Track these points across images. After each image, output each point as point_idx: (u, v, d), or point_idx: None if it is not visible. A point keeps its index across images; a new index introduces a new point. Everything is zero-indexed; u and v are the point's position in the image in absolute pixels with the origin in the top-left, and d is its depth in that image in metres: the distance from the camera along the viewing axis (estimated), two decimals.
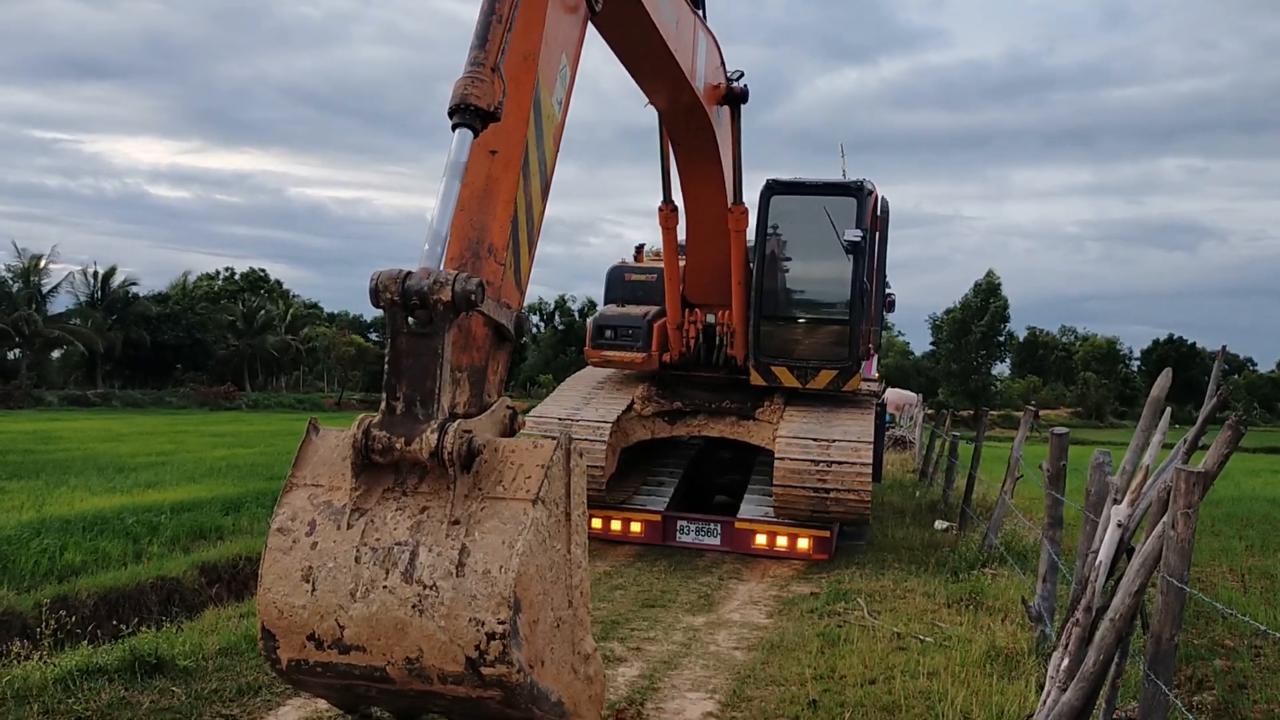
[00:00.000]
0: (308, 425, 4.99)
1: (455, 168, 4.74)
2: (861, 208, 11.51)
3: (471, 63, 4.86)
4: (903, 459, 26.75)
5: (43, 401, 46.01)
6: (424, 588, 4.35)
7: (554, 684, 4.70)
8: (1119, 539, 4.68)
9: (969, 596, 9.06)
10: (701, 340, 12.35)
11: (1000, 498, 11.42)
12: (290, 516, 4.64)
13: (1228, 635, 8.85)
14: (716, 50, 9.38)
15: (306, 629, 4.45)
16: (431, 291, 4.42)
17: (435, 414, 4.52)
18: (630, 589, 9.64)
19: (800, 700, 6.23)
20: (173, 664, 6.05)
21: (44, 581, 10.01)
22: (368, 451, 4.54)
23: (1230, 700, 7.14)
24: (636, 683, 6.64)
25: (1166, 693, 3.81)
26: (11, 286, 53.80)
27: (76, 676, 5.75)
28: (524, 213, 5.42)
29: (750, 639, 7.95)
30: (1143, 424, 5.06)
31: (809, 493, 10.77)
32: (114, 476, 17.15)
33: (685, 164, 10.21)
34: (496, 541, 4.41)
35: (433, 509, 4.55)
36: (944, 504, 15.83)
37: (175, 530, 12.43)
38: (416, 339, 4.57)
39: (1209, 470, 3.87)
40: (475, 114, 4.77)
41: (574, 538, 4.92)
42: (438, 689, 4.49)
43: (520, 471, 4.67)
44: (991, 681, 6.48)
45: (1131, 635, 4.24)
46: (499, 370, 5.36)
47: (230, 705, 5.66)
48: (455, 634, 4.30)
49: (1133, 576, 4.07)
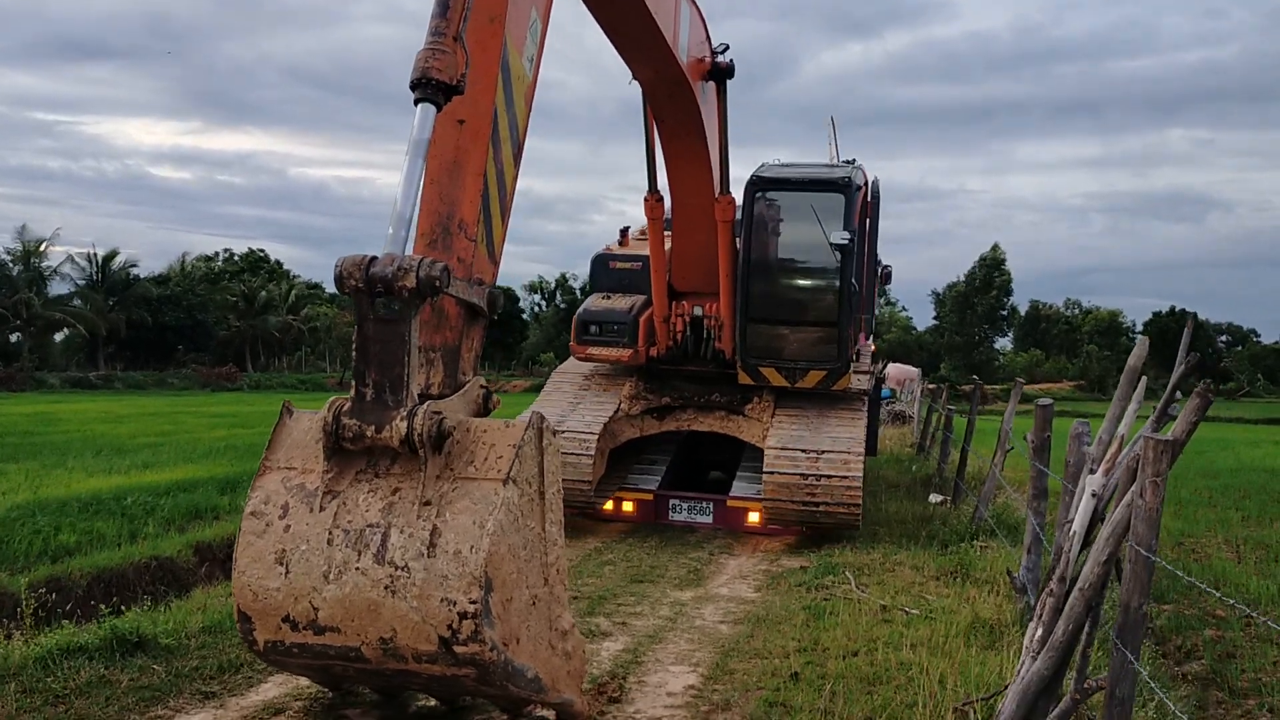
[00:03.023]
0: (282, 408, 4.99)
1: (418, 146, 4.68)
2: (849, 205, 11.17)
3: (432, 33, 4.77)
4: (901, 433, 26.77)
5: (44, 384, 46.14)
6: (396, 569, 4.37)
7: (531, 660, 4.73)
8: (1093, 509, 4.66)
9: (957, 569, 9.08)
10: (689, 333, 12.12)
11: (990, 470, 11.42)
12: (264, 500, 4.67)
13: (1219, 605, 8.87)
14: (701, 23, 9.30)
15: (281, 611, 4.49)
16: (396, 278, 4.39)
17: (405, 400, 4.52)
18: (620, 565, 9.66)
19: (782, 672, 6.25)
20: (155, 642, 6.07)
21: (37, 562, 10.03)
22: (338, 438, 4.54)
23: (1219, 670, 7.16)
24: (620, 656, 6.66)
25: (1133, 661, 3.80)
26: (12, 270, 53.83)
27: (57, 656, 5.76)
28: (495, 182, 5.37)
29: (737, 613, 7.97)
30: (1119, 393, 5.04)
31: (798, 506, 10.62)
32: (111, 457, 17.19)
33: (670, 143, 10.05)
34: (467, 522, 4.43)
35: (404, 490, 4.56)
36: (938, 477, 15.86)
37: (171, 510, 12.44)
38: (384, 325, 4.54)
39: (1177, 439, 3.86)
40: (437, 88, 4.71)
41: (549, 515, 4.93)
42: (412, 668, 4.52)
43: (492, 451, 4.68)
44: (974, 652, 6.50)
45: (1101, 604, 4.24)
46: (474, 347, 5.34)
47: (210, 683, 5.68)
48: (428, 614, 4.32)
49: (1101, 545, 4.06)
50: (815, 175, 11.62)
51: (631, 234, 13.44)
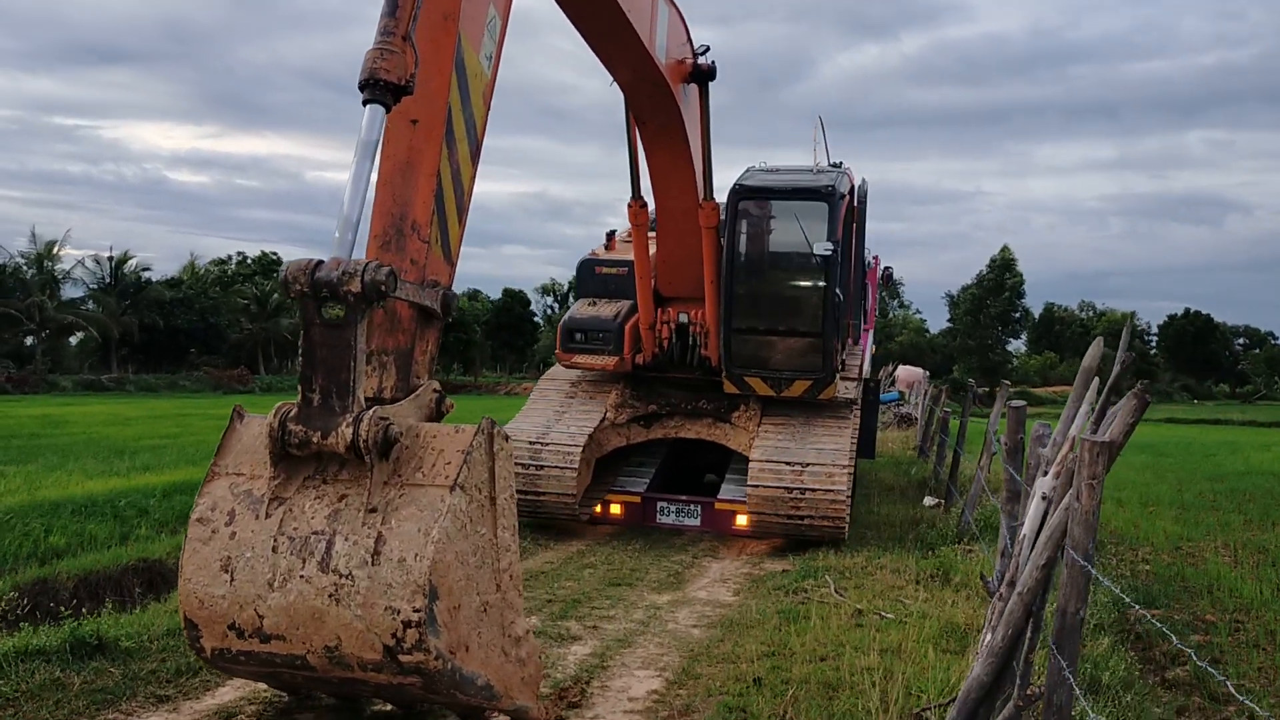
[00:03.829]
0: (232, 412, 4.97)
1: (366, 147, 4.66)
2: (833, 213, 11.05)
3: (381, 32, 4.75)
4: (906, 436, 26.63)
5: (57, 386, 46.42)
6: (340, 577, 4.36)
7: (482, 668, 4.71)
8: (1044, 511, 4.61)
9: (937, 573, 9.02)
10: (675, 340, 12.05)
11: (976, 473, 11.34)
12: (210, 506, 4.65)
13: (1210, 609, 8.79)
14: (681, 24, 9.27)
15: (227, 619, 4.48)
16: (340, 283, 4.38)
17: (351, 406, 4.49)
18: (600, 568, 9.64)
19: (747, 677, 6.21)
20: (115, 645, 6.06)
21: (26, 564, 10.06)
22: (285, 445, 4.52)
23: (1204, 675, 7.09)
24: (586, 661, 6.64)
25: (1068, 672, 3.75)
26: (25, 273, 54.23)
27: (13, 658, 5.75)
28: (450, 182, 5.34)
29: (711, 616, 7.94)
30: (1073, 394, 4.99)
31: (782, 519, 10.60)
32: (112, 460, 17.24)
33: (652, 146, 10.01)
34: (412, 529, 4.41)
35: (351, 497, 4.54)
36: (934, 480, 15.76)
37: (164, 512, 12.46)
38: (330, 330, 4.51)
39: (1114, 440, 3.81)
40: (385, 88, 4.69)
41: (501, 521, 4.89)
42: (359, 676, 4.51)
43: (440, 458, 4.65)
44: (941, 658, 6.45)
45: (1043, 609, 4.19)
46: (428, 349, 5.31)
47: (166, 686, 5.67)
48: (372, 622, 4.31)
49: (1040, 549, 4.01)
50: (799, 184, 11.48)
51: (619, 237, 13.39)
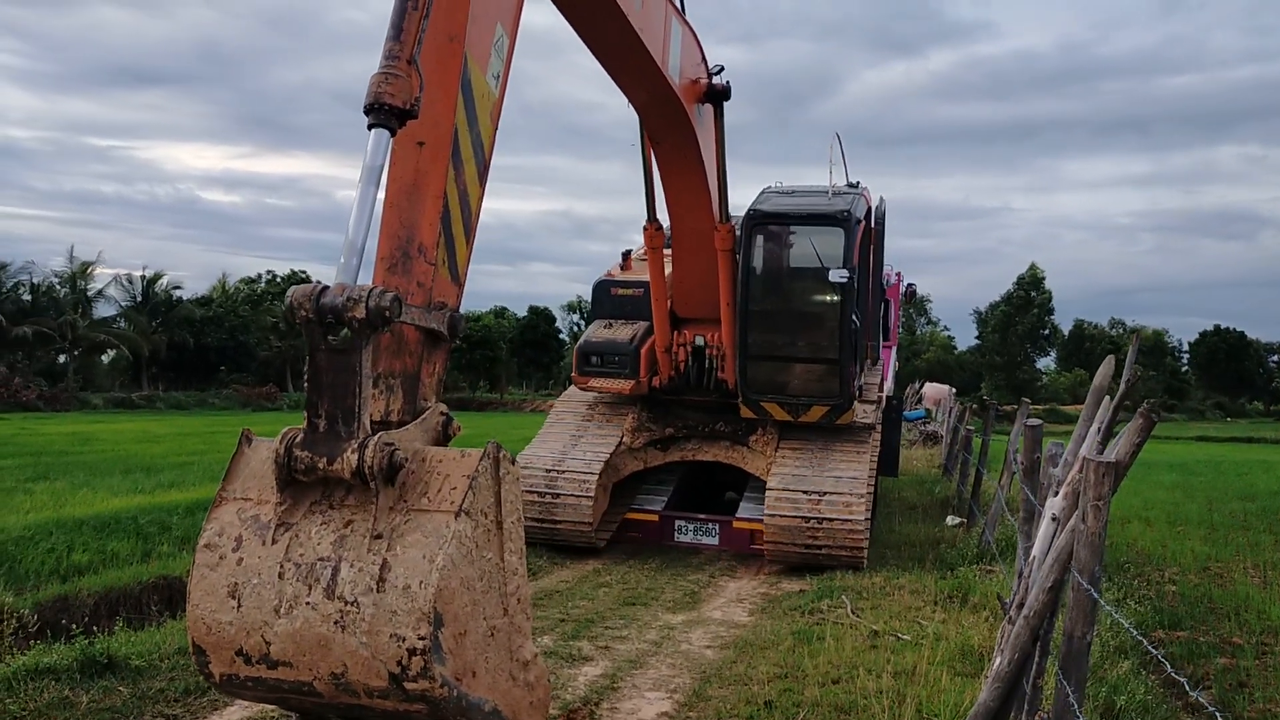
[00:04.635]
0: (240, 436, 5.00)
1: (371, 172, 4.67)
2: (849, 238, 10.94)
3: (386, 56, 4.77)
4: (931, 454, 26.42)
5: (88, 404, 46.92)
6: (345, 604, 4.36)
7: (489, 693, 4.70)
8: (1054, 533, 4.55)
9: (956, 593, 8.91)
10: (691, 363, 11.97)
11: (996, 493, 11.21)
12: (218, 532, 4.67)
13: (1237, 631, 8.64)
14: (695, 44, 9.27)
15: (234, 645, 4.50)
16: (345, 309, 4.37)
17: (357, 431, 4.50)
18: (615, 587, 9.60)
19: (758, 700, 6.15)
20: (125, 664, 6.10)
21: (48, 581, 10.15)
22: (291, 470, 4.56)
23: (1228, 699, 6.97)
24: (597, 682, 6.60)
25: (1074, 698, 3.68)
26: (58, 291, 55.01)
27: (24, 676, 5.80)
28: (457, 204, 5.36)
29: (725, 637, 7.88)
30: (1084, 414, 4.92)
31: (800, 549, 10.51)
32: (138, 477, 17.39)
33: (667, 167, 9.99)
34: (417, 556, 4.41)
35: (357, 523, 4.54)
36: (957, 499, 15.60)
37: (186, 529, 12.55)
38: (335, 355, 4.52)
39: (1120, 460, 3.75)
40: (390, 113, 4.70)
41: (508, 545, 4.89)
42: (365, 703, 4.51)
43: (446, 483, 4.65)
44: (955, 680, 6.36)
45: (1051, 633, 4.12)
46: (435, 372, 5.32)
47: (174, 705, 5.70)
48: (377, 650, 4.31)
49: (1046, 572, 3.95)
50: (814, 209, 11.38)
51: (635, 255, 13.39)
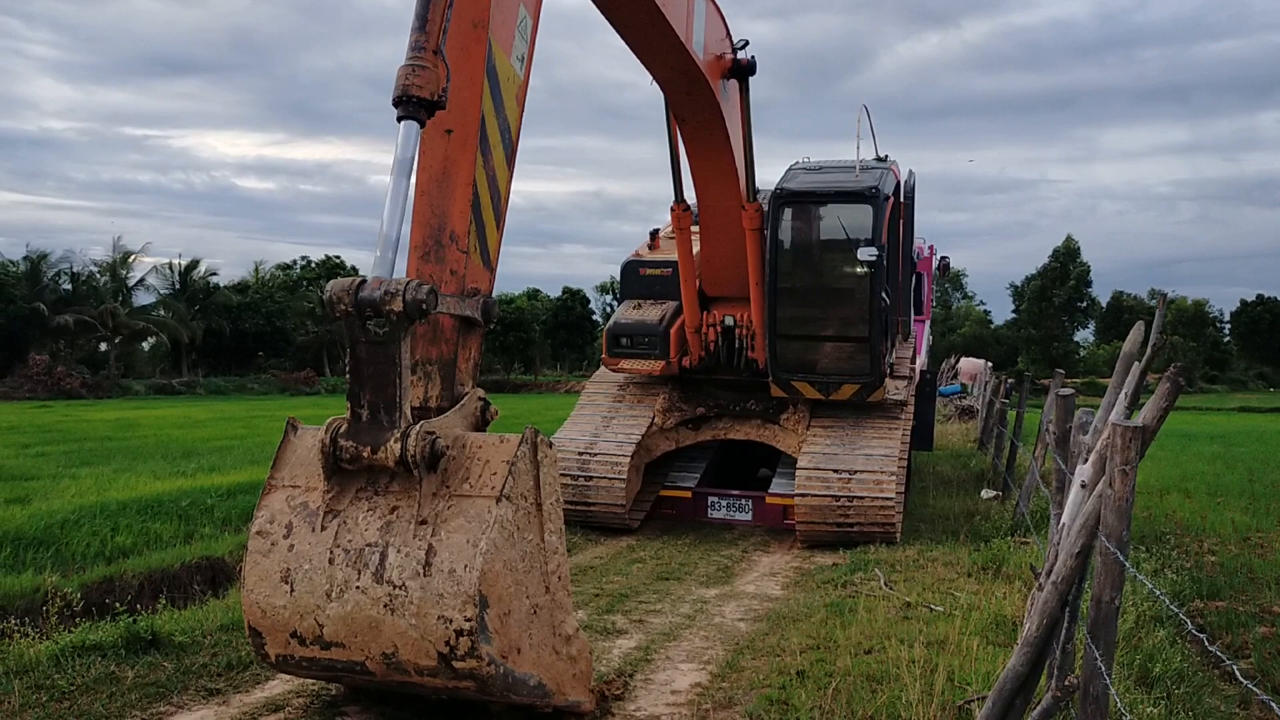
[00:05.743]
0: (286, 425, 5.12)
1: (402, 165, 4.75)
2: (878, 215, 10.90)
3: (412, 48, 4.83)
4: (966, 429, 26.26)
5: (130, 391, 47.70)
6: (394, 587, 4.52)
7: (534, 668, 4.85)
8: (1082, 499, 4.53)
9: (990, 565, 8.90)
10: (721, 343, 11.99)
11: (1031, 464, 11.15)
12: (269, 519, 4.83)
13: (1276, 601, 8.58)
14: (720, 19, 9.25)
15: (289, 627, 4.67)
16: (383, 303, 4.53)
17: (399, 420, 4.64)
18: (650, 562, 9.67)
19: (790, 670, 6.20)
20: (169, 640, 6.24)
21: (94, 563, 10.36)
22: (336, 459, 4.68)
23: (1267, 668, 6.93)
24: (631, 654, 6.67)
25: (1102, 662, 3.69)
26: (99, 280, 55.87)
27: (70, 653, 5.94)
28: (486, 189, 5.41)
29: (758, 610, 7.92)
30: (1114, 380, 4.89)
31: (832, 528, 10.50)
32: (180, 461, 17.67)
33: (693, 145, 9.99)
34: (461, 540, 4.55)
35: (402, 509, 4.70)
36: (993, 472, 15.53)
37: (226, 510, 12.75)
38: (375, 347, 4.67)
39: (1147, 425, 3.74)
40: (419, 104, 4.78)
41: (547, 526, 5.01)
42: (415, 680, 4.68)
43: (486, 468, 4.78)
44: (988, 650, 6.36)
45: (1080, 599, 4.12)
46: (471, 356, 5.40)
47: (217, 679, 5.82)
48: (425, 631, 4.47)
49: (1074, 538, 3.95)
50: (842, 186, 11.31)
51: (663, 234, 13.39)
